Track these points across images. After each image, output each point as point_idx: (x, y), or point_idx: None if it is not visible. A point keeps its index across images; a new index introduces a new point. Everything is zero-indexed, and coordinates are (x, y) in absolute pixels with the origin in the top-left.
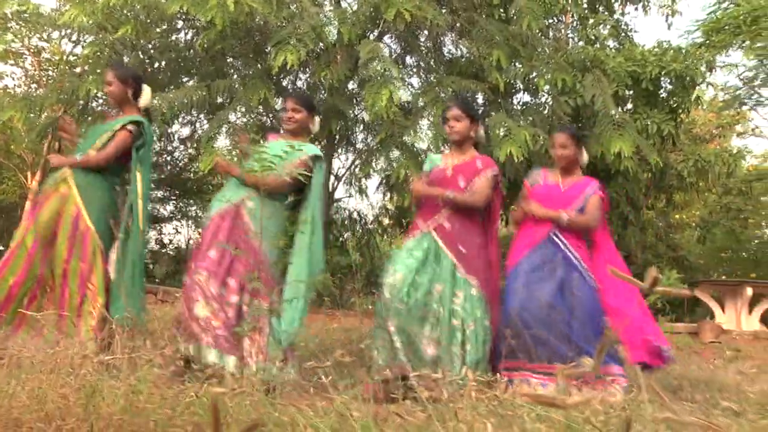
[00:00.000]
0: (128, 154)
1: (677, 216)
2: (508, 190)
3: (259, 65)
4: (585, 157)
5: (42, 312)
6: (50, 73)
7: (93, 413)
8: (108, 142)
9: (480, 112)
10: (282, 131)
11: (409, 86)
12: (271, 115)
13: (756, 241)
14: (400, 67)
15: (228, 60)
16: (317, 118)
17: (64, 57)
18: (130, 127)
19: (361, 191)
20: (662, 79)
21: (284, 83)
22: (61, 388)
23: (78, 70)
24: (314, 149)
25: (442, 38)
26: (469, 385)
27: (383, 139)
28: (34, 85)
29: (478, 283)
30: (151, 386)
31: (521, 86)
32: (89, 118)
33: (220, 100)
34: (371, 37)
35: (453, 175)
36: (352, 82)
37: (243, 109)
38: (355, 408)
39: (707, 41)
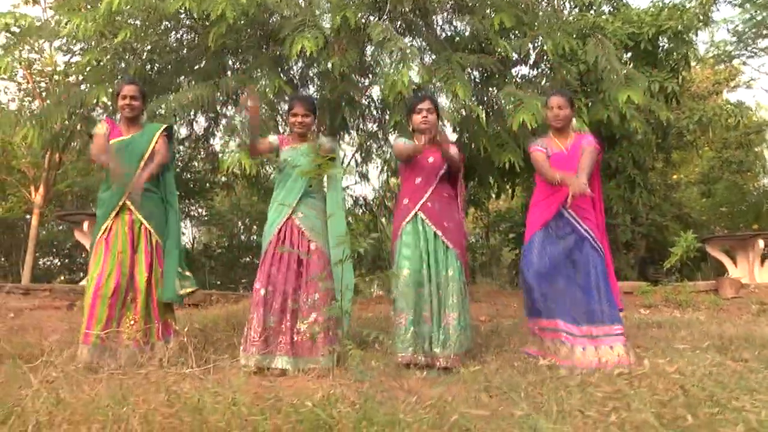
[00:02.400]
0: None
1: (675, 176)
2: (524, 161)
3: (267, 56)
4: (574, 121)
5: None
6: (43, 84)
7: (205, 430)
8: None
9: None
10: (290, 134)
11: (420, 65)
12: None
13: (755, 193)
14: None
15: (230, 56)
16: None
17: (57, 68)
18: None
19: (363, 176)
20: (660, 38)
21: (292, 72)
22: (169, 407)
23: (72, 79)
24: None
25: (443, 15)
26: None
27: (398, 122)
28: (28, 99)
29: (458, 254)
30: (252, 396)
31: (518, 57)
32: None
33: (221, 98)
34: (372, 20)
35: (434, 162)
36: (360, 67)
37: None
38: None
39: None
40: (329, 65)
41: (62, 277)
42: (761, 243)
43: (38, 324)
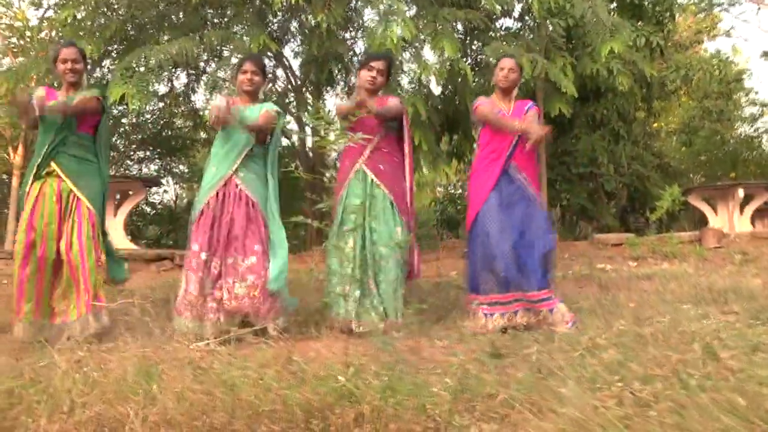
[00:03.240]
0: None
1: (655, 124)
2: None
3: (250, 9)
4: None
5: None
6: (14, 41)
7: (237, 406)
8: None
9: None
10: (238, 94)
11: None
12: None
13: (732, 141)
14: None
15: (210, 10)
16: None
17: (29, 23)
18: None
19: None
20: None
21: (274, 27)
22: (199, 384)
23: (44, 34)
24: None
25: None
26: None
27: None
28: None
29: (405, 221)
30: (278, 369)
31: (503, 10)
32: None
33: (205, 55)
34: None
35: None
36: (344, 22)
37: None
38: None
39: None
40: (315, 21)
41: None
42: (741, 192)
43: None
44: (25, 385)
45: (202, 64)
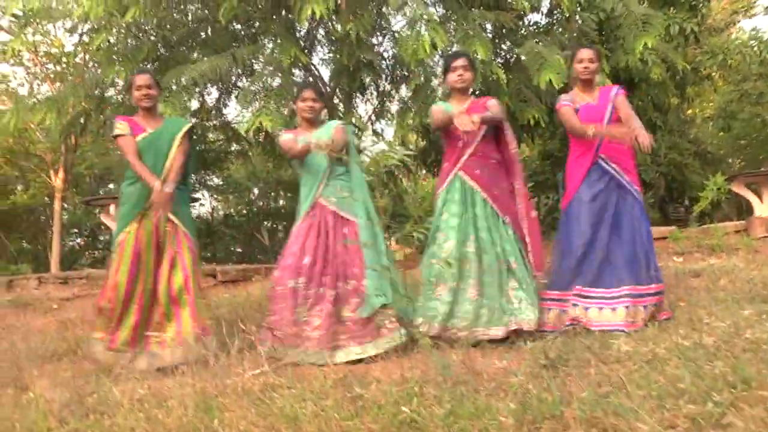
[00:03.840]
0: None
1: (690, 111)
2: (549, 116)
3: (279, 23)
4: (597, 77)
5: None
6: (50, 67)
7: None
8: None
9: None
10: (299, 124)
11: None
12: (301, 73)
13: None
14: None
15: (240, 26)
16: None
17: (64, 49)
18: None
19: (377, 134)
20: None
21: (305, 38)
22: (262, 419)
23: (79, 59)
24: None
25: None
26: None
27: (418, 85)
28: (37, 82)
29: (510, 221)
30: (338, 399)
31: (531, 7)
32: (108, 109)
33: (237, 70)
34: None
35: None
36: (377, 33)
37: (270, 70)
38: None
39: None
40: (345, 30)
41: (86, 254)
42: None
43: (83, 316)
44: (91, 425)
45: (233, 78)
